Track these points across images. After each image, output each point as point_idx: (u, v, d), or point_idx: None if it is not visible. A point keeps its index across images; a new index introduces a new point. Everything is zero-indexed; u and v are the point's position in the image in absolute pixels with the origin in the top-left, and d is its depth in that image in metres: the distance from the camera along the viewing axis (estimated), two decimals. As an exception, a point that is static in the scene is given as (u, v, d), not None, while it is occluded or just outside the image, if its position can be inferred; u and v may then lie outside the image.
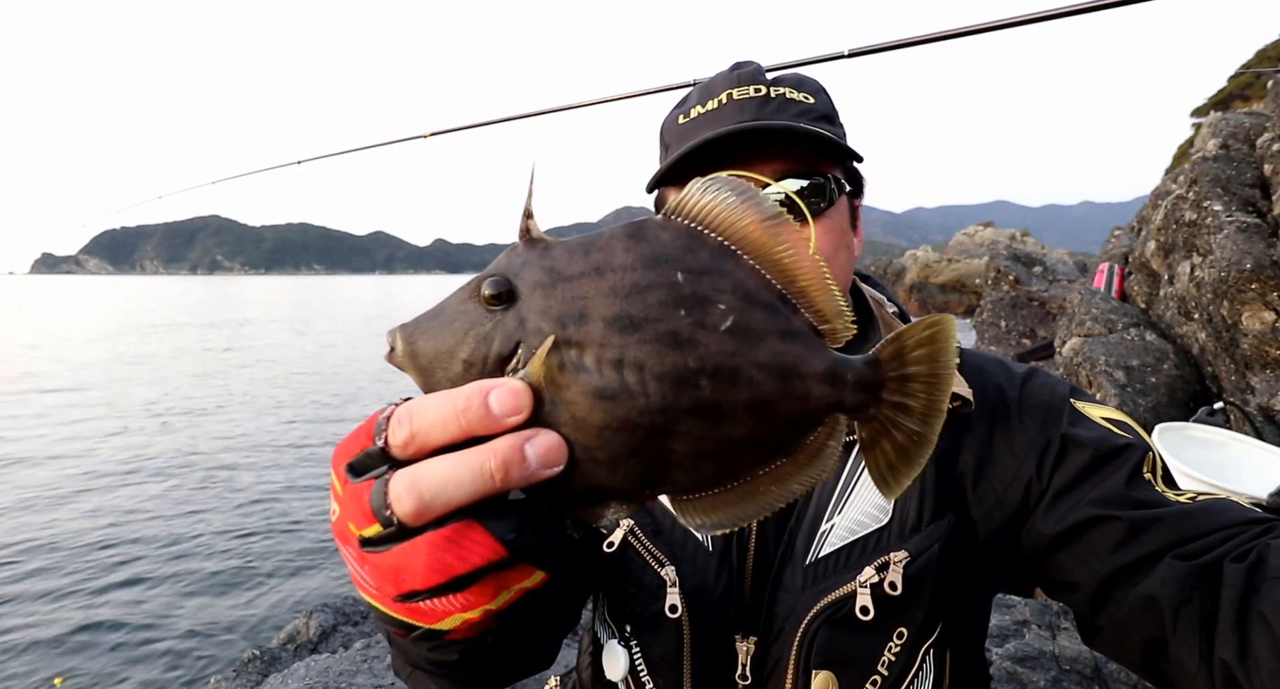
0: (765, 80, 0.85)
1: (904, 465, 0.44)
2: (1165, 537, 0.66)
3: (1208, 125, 5.44)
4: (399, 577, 0.40)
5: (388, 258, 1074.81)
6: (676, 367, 0.38)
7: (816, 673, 0.74)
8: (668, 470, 0.40)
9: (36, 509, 8.01)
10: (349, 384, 17.56)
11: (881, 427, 0.43)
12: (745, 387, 0.39)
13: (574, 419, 0.38)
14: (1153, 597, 0.63)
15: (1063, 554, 0.73)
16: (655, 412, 0.38)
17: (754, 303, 0.40)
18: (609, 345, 0.38)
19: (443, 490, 0.37)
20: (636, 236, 0.40)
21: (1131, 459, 0.73)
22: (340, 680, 2.87)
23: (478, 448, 0.37)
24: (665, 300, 0.38)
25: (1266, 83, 5.40)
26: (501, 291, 0.39)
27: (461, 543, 0.38)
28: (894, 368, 0.43)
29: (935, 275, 35.79)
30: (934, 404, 0.43)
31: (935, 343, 0.42)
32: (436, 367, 0.41)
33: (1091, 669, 2.59)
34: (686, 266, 0.39)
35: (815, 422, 0.43)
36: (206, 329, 34.56)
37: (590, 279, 0.39)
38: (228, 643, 5.37)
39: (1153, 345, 4.64)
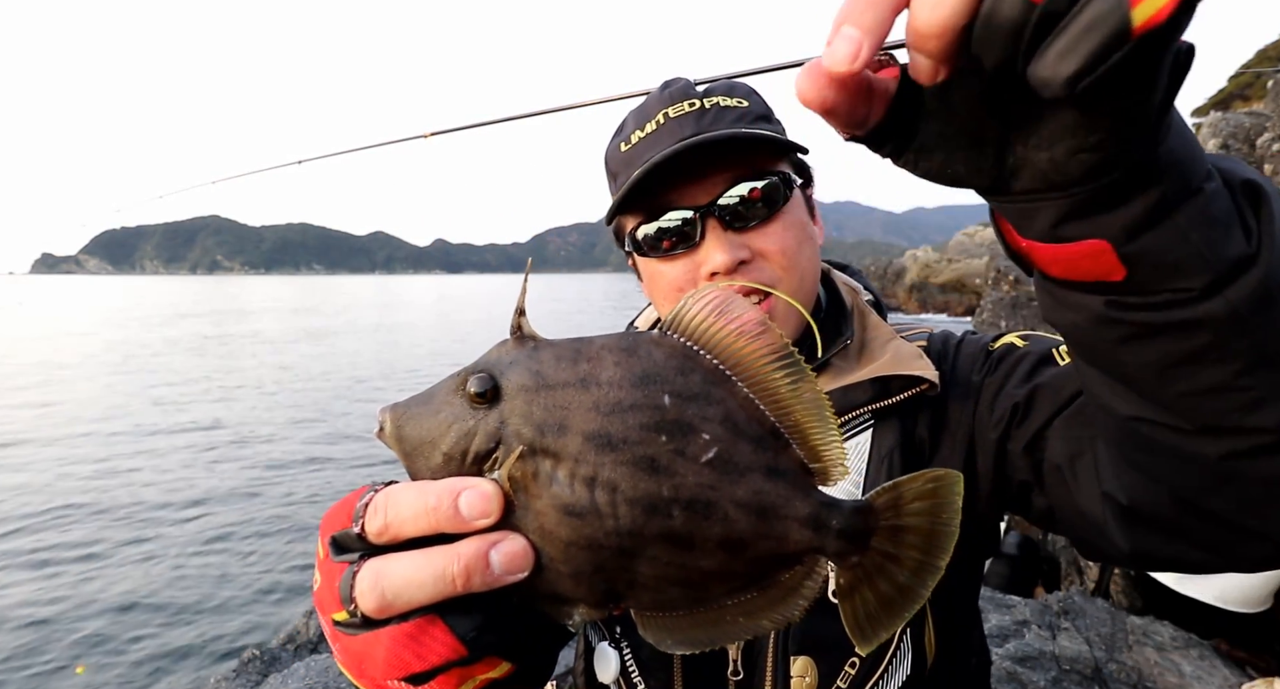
0: (697, 93, 0.86)
1: (886, 617, 0.42)
2: (1048, 402, 0.68)
3: (1208, 125, 5.44)
4: (361, 664, 0.40)
5: (388, 258, 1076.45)
6: (649, 493, 0.37)
7: (795, 658, 0.74)
8: (632, 588, 0.40)
9: (38, 504, 8.02)
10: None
11: (865, 575, 0.42)
12: (719, 522, 0.38)
13: (542, 529, 0.38)
14: (1055, 464, 0.66)
15: (1001, 478, 0.75)
16: (623, 534, 0.37)
17: (741, 435, 0.39)
18: (584, 462, 0.37)
19: (404, 590, 0.37)
20: (628, 351, 0.39)
21: (1027, 362, 0.75)
22: (340, 680, 2.87)
23: (443, 549, 0.37)
24: (647, 423, 0.37)
25: (1266, 83, 5.40)
26: (486, 390, 0.39)
27: (422, 640, 0.39)
28: (888, 517, 0.41)
29: (935, 275, 35.79)
30: (929, 561, 0.41)
31: (937, 497, 0.41)
32: (418, 455, 0.41)
33: (1091, 669, 2.59)
34: (675, 390, 0.38)
35: (793, 561, 0.41)
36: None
37: (575, 390, 0.38)
38: (228, 643, 5.37)
39: (1153, 345, 4.63)
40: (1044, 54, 0.31)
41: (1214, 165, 0.40)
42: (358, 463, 10.21)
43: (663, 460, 0.37)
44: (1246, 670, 2.74)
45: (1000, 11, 0.31)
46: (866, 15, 0.33)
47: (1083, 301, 0.42)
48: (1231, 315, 0.38)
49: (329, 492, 8.86)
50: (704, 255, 0.81)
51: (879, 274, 37.17)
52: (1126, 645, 2.72)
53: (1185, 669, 2.57)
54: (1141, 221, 0.37)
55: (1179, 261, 0.38)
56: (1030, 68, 0.32)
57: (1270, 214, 0.40)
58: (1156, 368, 0.43)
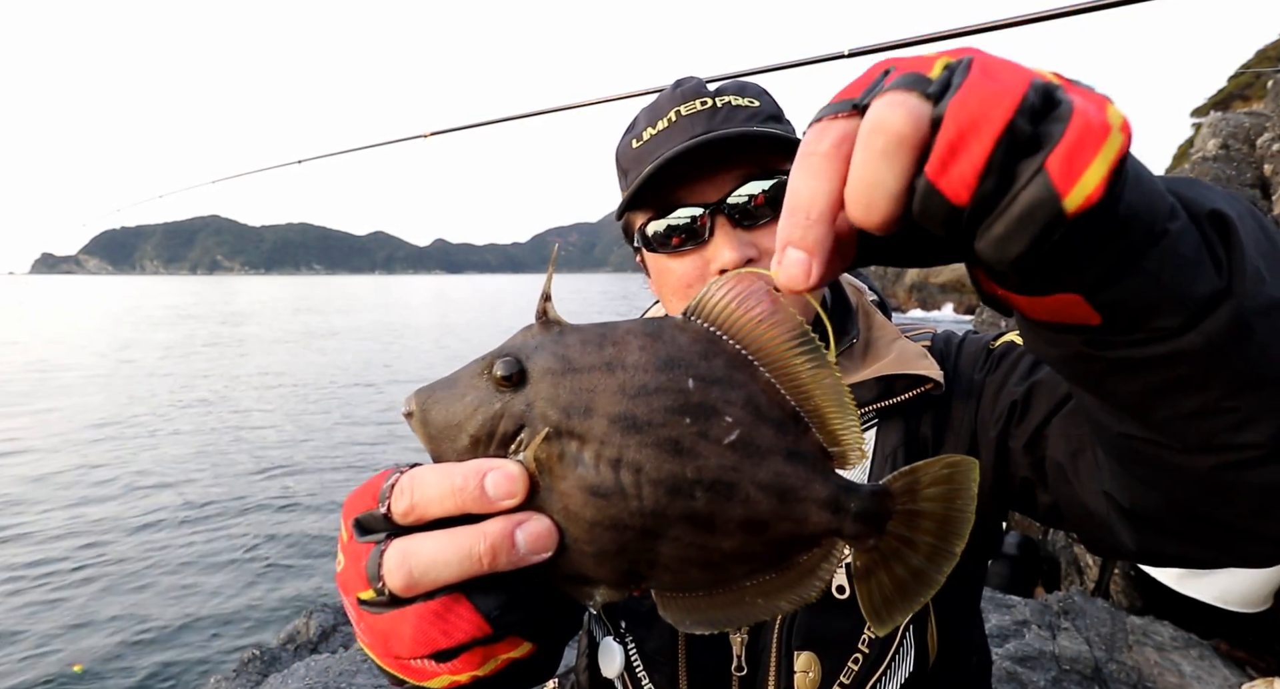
0: (709, 92, 0.87)
1: (901, 600, 0.42)
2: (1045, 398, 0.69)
3: (1208, 125, 5.44)
4: (387, 641, 0.41)
5: (388, 258, 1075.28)
6: (673, 474, 0.38)
7: (799, 654, 0.75)
8: (654, 569, 0.40)
9: (39, 505, 8.02)
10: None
11: (881, 558, 0.42)
12: (741, 503, 0.39)
13: (566, 510, 0.39)
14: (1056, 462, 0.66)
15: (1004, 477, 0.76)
16: (646, 515, 0.38)
17: (763, 419, 0.39)
18: (609, 443, 0.38)
19: (431, 568, 0.38)
20: (653, 335, 0.40)
21: (1028, 358, 0.76)
22: (340, 680, 2.87)
23: (469, 529, 0.38)
24: (672, 406, 0.38)
25: (1266, 83, 5.40)
26: (512, 373, 0.40)
27: (448, 617, 0.40)
28: (904, 502, 0.41)
29: (935, 275, 35.79)
30: (945, 546, 0.41)
31: (953, 483, 0.41)
32: (444, 438, 0.41)
33: (1091, 669, 2.59)
34: (699, 373, 0.39)
35: (811, 543, 0.42)
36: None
37: (600, 373, 0.39)
38: (228, 643, 5.37)
39: (1153, 345, 4.63)
40: (984, 237, 0.32)
41: (1177, 197, 0.39)
42: (360, 465, 10.21)
43: (686, 442, 0.38)
44: (1246, 670, 2.74)
45: (929, 212, 0.32)
46: (808, 236, 0.35)
47: (1062, 339, 0.42)
48: (1209, 346, 0.39)
49: (330, 492, 8.86)
50: (713, 252, 0.82)
51: (879, 274, 37.20)
52: (1126, 645, 2.72)
53: (1185, 669, 2.57)
54: (1109, 274, 0.37)
55: (1153, 304, 0.38)
56: (975, 245, 0.33)
57: (1239, 244, 0.40)
58: (1141, 396, 0.43)
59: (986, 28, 1.23)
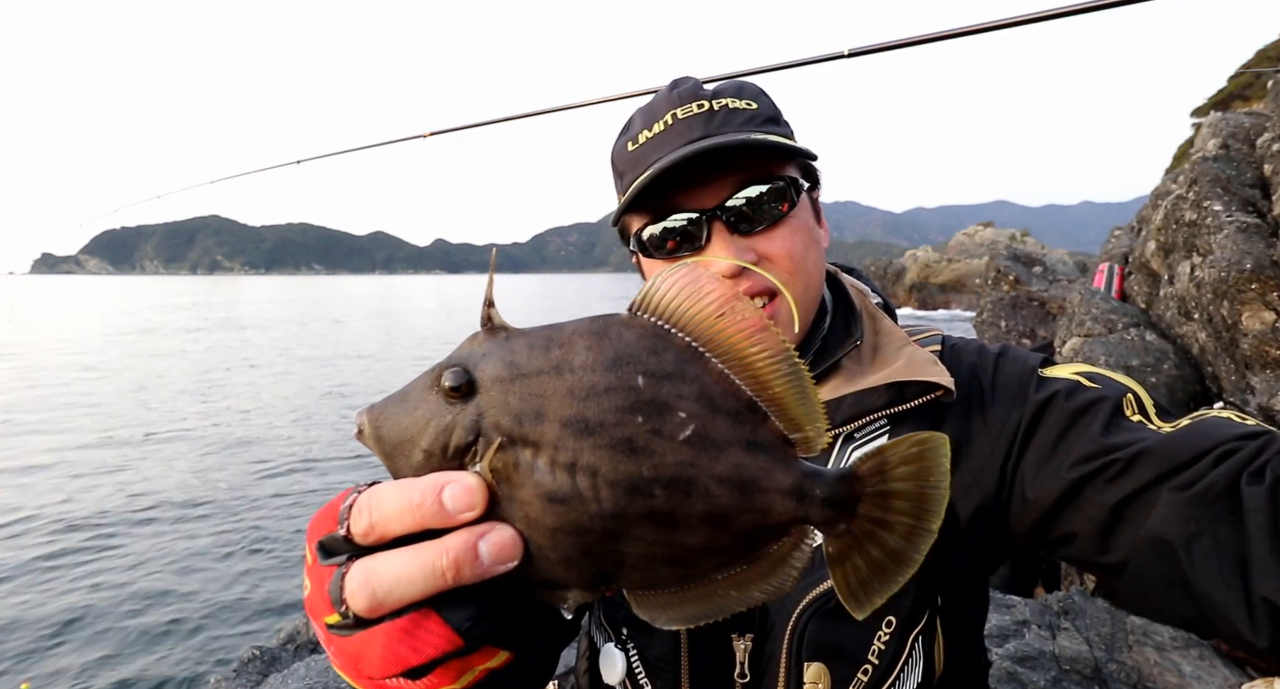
0: (706, 94, 0.85)
1: (879, 583, 0.42)
2: (1152, 469, 0.64)
3: (1208, 125, 5.44)
4: (358, 663, 0.40)
5: (388, 258, 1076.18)
6: (630, 474, 0.37)
7: (809, 665, 0.74)
8: (621, 569, 0.40)
9: (41, 508, 8.01)
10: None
11: (854, 541, 0.42)
12: (701, 498, 0.38)
13: (528, 518, 0.38)
14: (1159, 537, 0.61)
15: (1062, 515, 0.72)
16: (607, 517, 0.38)
17: (717, 411, 0.39)
18: (563, 448, 0.37)
19: (395, 587, 0.37)
20: (599, 334, 0.39)
21: (1104, 408, 0.73)
22: (340, 680, 2.86)
23: (431, 544, 0.37)
24: (623, 405, 0.38)
25: (1266, 83, 5.41)
26: (460, 383, 0.39)
27: (417, 634, 0.39)
28: (873, 483, 0.41)
29: (935, 275, 35.78)
30: (920, 525, 0.41)
31: (924, 460, 0.40)
32: (398, 454, 0.41)
33: (1091, 669, 2.59)
34: (648, 369, 0.38)
35: (779, 533, 0.41)
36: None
37: (549, 377, 0.38)
38: (228, 643, 5.37)
39: (1153, 345, 4.64)
40: None
41: None
42: (362, 465, 10.21)
43: (640, 441, 0.37)
44: (1246, 670, 2.73)
45: None
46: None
47: None
48: None
49: (332, 492, 8.85)
50: (709, 258, 0.82)
51: (879, 274, 37.18)
52: (1126, 645, 2.72)
53: (1185, 669, 2.56)
54: None
55: None
56: None
57: None
58: None
59: (986, 28, 1.23)
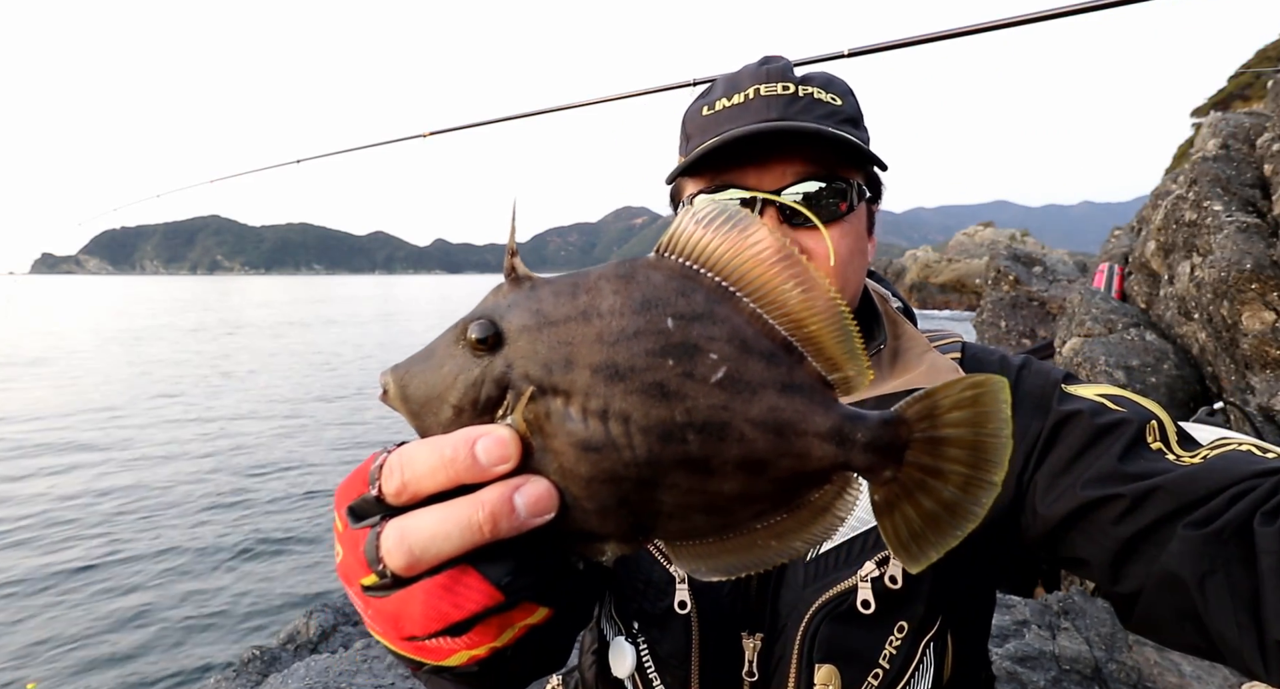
0: (794, 77, 0.83)
1: (934, 535, 0.39)
2: (1167, 504, 0.64)
3: (1208, 125, 5.44)
4: (398, 623, 0.40)
5: (388, 258, 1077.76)
6: (662, 420, 0.36)
7: (819, 667, 0.74)
8: (658, 519, 0.39)
9: (44, 506, 8.01)
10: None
11: (903, 490, 0.39)
12: (736, 443, 0.37)
13: (562, 468, 0.37)
14: (1172, 573, 0.61)
15: (1071, 534, 0.72)
16: (641, 464, 0.37)
17: (750, 352, 0.37)
18: (594, 395, 0.36)
19: (431, 543, 0.37)
20: (626, 277, 0.38)
21: (1125, 432, 0.72)
22: (340, 680, 2.87)
23: (466, 499, 0.37)
24: (653, 349, 0.36)
25: (1266, 83, 5.40)
26: (487, 336, 0.38)
27: (457, 590, 0.38)
28: (923, 428, 0.38)
29: (935, 275, 35.78)
30: (981, 475, 0.38)
31: (980, 405, 0.37)
32: (427, 411, 0.40)
33: (1091, 669, 2.59)
34: (677, 311, 0.37)
35: (820, 479, 0.39)
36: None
37: (577, 324, 0.37)
38: (228, 643, 5.37)
39: (1153, 345, 4.64)
40: None
41: None
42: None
43: (672, 385, 0.36)
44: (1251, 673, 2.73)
45: None
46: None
47: None
48: None
49: (329, 493, 8.85)
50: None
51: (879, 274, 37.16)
52: (1126, 645, 2.72)
53: (1185, 669, 2.56)
54: None
55: None
56: None
57: None
58: None
59: (986, 28, 1.23)
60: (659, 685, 0.80)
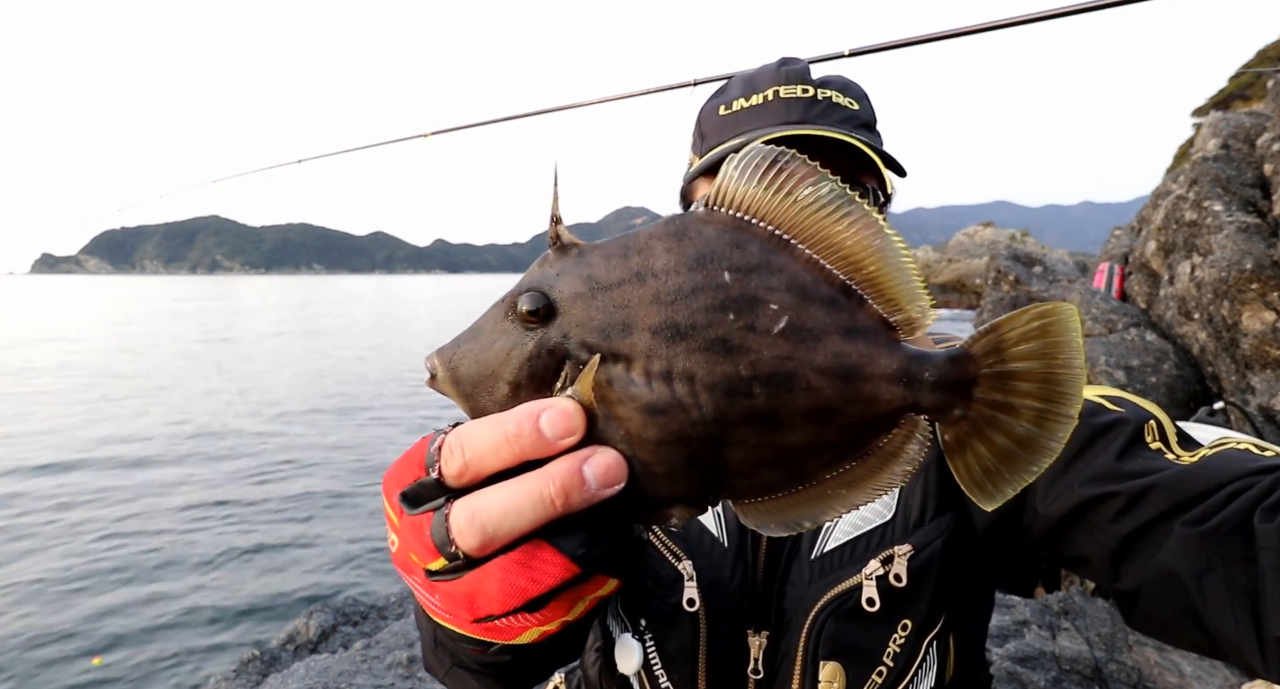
0: (813, 80, 0.83)
1: (1009, 471, 0.38)
2: (1165, 502, 0.64)
3: (1208, 125, 5.44)
4: (473, 603, 0.40)
5: (388, 258, 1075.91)
6: (727, 376, 0.36)
7: (824, 664, 0.74)
8: (728, 478, 0.38)
9: (49, 508, 8.02)
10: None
11: (974, 428, 0.38)
12: (803, 392, 0.36)
13: (628, 435, 0.37)
14: (1171, 571, 0.62)
15: (1071, 533, 0.72)
16: (710, 423, 0.36)
17: (810, 299, 0.36)
18: (656, 357, 0.36)
19: (504, 521, 0.36)
20: (678, 235, 0.37)
21: (1123, 432, 0.72)
22: (340, 680, 2.87)
23: (535, 474, 0.36)
24: (712, 304, 0.36)
25: (1267, 83, 5.40)
26: (539, 307, 0.37)
27: (533, 565, 0.38)
28: (990, 364, 0.37)
29: (935, 275, 35.79)
30: (1056, 408, 0.37)
31: (1048, 335, 0.36)
32: (481, 391, 0.39)
33: (1091, 669, 2.59)
34: (734, 264, 0.36)
35: (889, 424, 0.38)
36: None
37: (632, 286, 0.36)
38: (228, 642, 5.37)
39: (1153, 345, 4.64)
40: None
41: None
42: (367, 466, 10.21)
43: (735, 339, 0.36)
44: (1250, 672, 2.73)
45: None
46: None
47: None
48: None
49: (331, 491, 8.86)
50: None
51: (879, 274, 37.16)
52: (1126, 645, 2.72)
53: (1185, 669, 2.56)
54: None
55: None
56: None
57: None
58: None
59: (986, 28, 1.23)
60: (665, 682, 0.80)
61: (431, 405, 14.64)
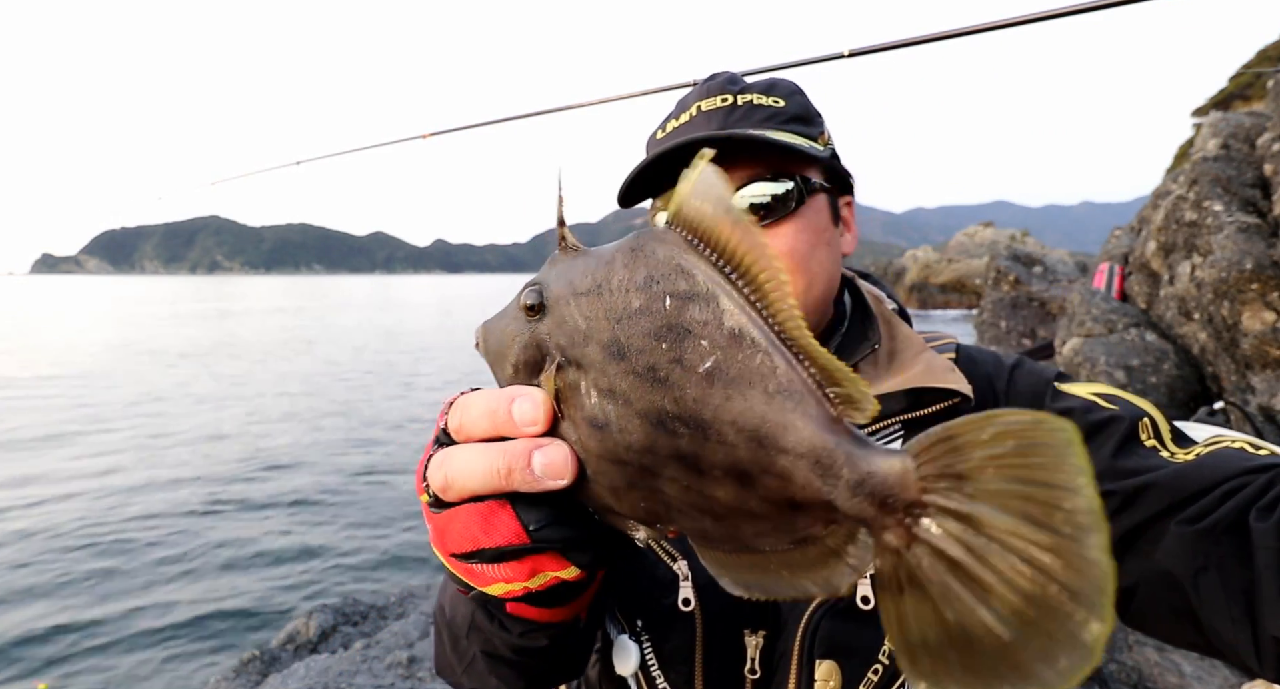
0: (735, 88, 0.87)
1: (950, 654, 0.26)
2: (1160, 501, 0.64)
3: (1208, 125, 5.44)
4: (442, 537, 0.46)
5: (388, 258, 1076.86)
6: (654, 406, 0.34)
7: (820, 662, 0.75)
8: (669, 511, 0.37)
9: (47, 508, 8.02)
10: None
11: (908, 571, 0.27)
12: (718, 445, 0.32)
13: (580, 442, 0.39)
14: (1166, 570, 0.62)
15: None
16: (639, 450, 0.35)
17: (741, 343, 0.32)
18: (603, 373, 0.37)
19: (459, 476, 0.42)
20: (635, 251, 0.36)
21: (1118, 430, 0.72)
22: (340, 680, 2.87)
23: (495, 445, 0.42)
24: (649, 330, 0.34)
25: (1266, 83, 5.40)
26: (535, 302, 0.41)
27: (490, 521, 0.43)
28: (944, 466, 0.27)
29: (935, 275, 35.79)
30: (1046, 588, 0.24)
31: (1035, 455, 0.25)
32: (497, 366, 0.45)
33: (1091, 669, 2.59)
34: (675, 290, 0.33)
35: (823, 514, 0.31)
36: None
37: (594, 297, 0.37)
38: (227, 642, 5.37)
39: (1153, 345, 4.64)
40: None
41: None
42: (368, 467, 10.21)
43: (663, 371, 0.34)
44: (1250, 673, 2.73)
45: None
46: None
47: None
48: None
49: (330, 491, 8.86)
50: None
51: (879, 274, 37.16)
52: (1126, 645, 2.72)
53: (1185, 669, 2.56)
54: None
55: None
56: None
57: None
58: None
59: (986, 28, 1.23)
60: (662, 683, 0.80)
61: (433, 408, 14.63)
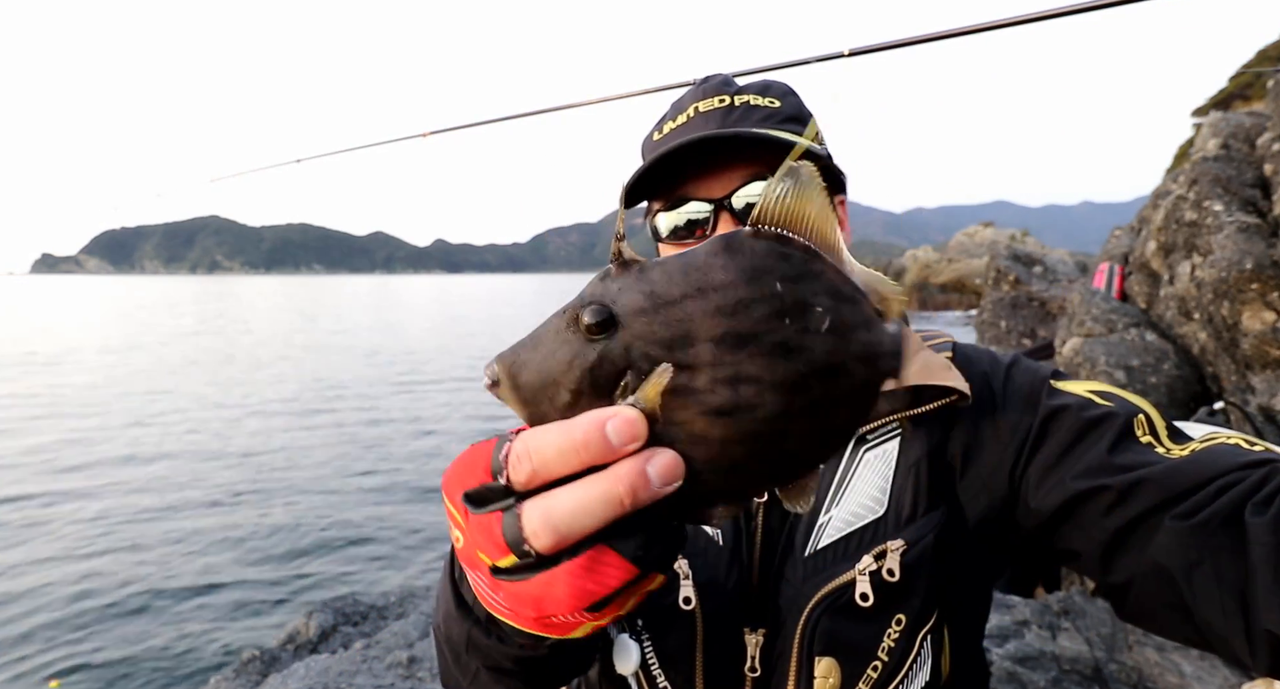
0: (731, 90, 0.89)
1: None
2: (1155, 496, 0.65)
3: (1208, 125, 5.44)
4: (540, 604, 0.42)
5: (388, 258, 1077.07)
6: (790, 374, 0.40)
7: (819, 660, 0.75)
8: (777, 468, 0.44)
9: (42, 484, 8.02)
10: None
11: None
12: (845, 378, 0.43)
13: (691, 436, 0.40)
14: (1160, 564, 0.62)
15: (1063, 527, 0.73)
16: (775, 418, 0.40)
17: (841, 299, 0.43)
18: (722, 364, 0.39)
19: (575, 520, 0.38)
20: (730, 251, 0.41)
21: (1113, 426, 0.73)
22: (340, 680, 2.87)
23: (602, 474, 0.38)
24: (770, 312, 0.40)
25: (1267, 83, 5.40)
26: (603, 319, 0.40)
27: (597, 569, 0.40)
28: None
29: (935, 275, 35.80)
30: None
31: None
32: (542, 399, 0.41)
33: (1091, 669, 2.59)
34: (783, 275, 0.41)
35: None
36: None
37: (694, 300, 0.40)
38: (227, 642, 5.37)
39: (1153, 345, 4.64)
40: None
41: None
42: (367, 467, 10.22)
43: (793, 341, 0.41)
44: (1247, 670, 2.73)
45: None
46: None
47: None
48: None
49: (330, 491, 8.86)
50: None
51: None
52: (1126, 645, 2.72)
53: (1185, 669, 2.57)
54: None
55: None
56: None
57: None
58: None
59: (986, 27, 1.23)
60: (663, 682, 0.81)
61: (431, 407, 14.64)
